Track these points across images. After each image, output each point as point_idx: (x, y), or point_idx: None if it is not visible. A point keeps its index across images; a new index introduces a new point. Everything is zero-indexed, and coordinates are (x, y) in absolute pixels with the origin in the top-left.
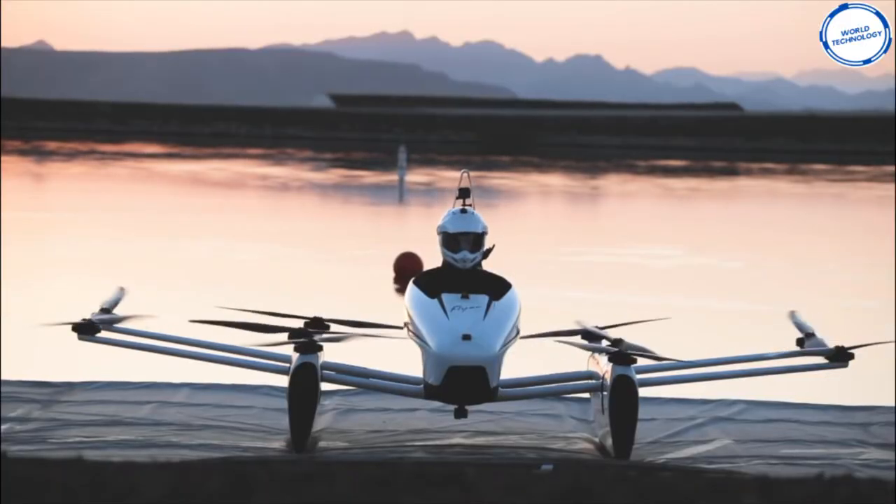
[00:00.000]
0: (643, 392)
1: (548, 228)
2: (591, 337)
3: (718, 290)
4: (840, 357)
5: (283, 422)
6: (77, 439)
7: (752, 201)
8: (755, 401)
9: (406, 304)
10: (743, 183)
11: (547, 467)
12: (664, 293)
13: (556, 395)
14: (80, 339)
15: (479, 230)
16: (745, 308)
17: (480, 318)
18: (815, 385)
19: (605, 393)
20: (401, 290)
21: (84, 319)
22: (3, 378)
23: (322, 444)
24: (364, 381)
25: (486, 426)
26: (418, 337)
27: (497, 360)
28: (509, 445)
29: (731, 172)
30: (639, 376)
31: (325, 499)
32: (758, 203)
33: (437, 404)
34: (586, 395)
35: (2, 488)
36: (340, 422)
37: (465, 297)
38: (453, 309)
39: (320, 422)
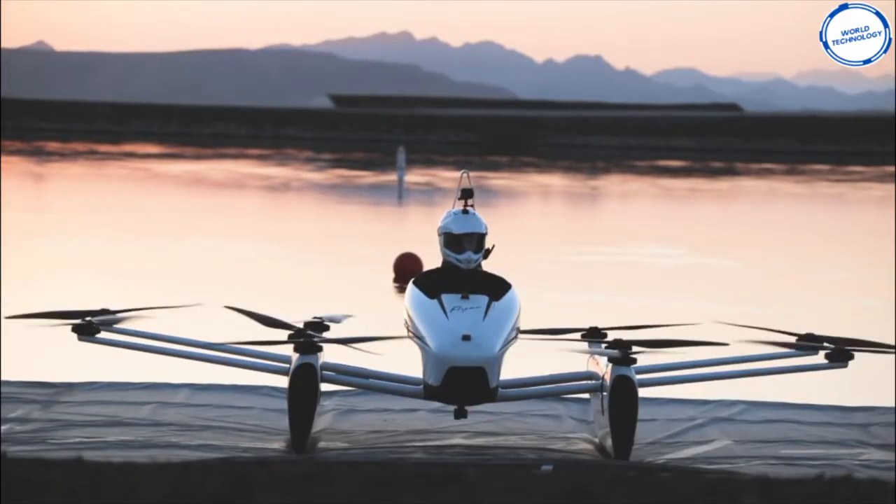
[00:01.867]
0: (643, 392)
1: (547, 229)
2: (592, 337)
3: (718, 290)
4: (840, 357)
5: (283, 422)
6: (77, 440)
7: (752, 202)
8: (755, 401)
9: (406, 305)
10: (742, 183)
11: (547, 468)
12: (663, 293)
13: (556, 396)
14: (79, 339)
15: (483, 231)
16: (746, 308)
17: (480, 319)
18: (815, 386)
19: (604, 393)
20: (400, 290)
21: (84, 320)
22: (4, 378)
23: (322, 444)
24: (364, 381)
25: (486, 427)
26: (418, 338)
27: (497, 360)
28: (509, 446)
29: (730, 173)
30: (639, 377)
31: (325, 499)
32: (757, 203)
33: (437, 405)
34: (586, 395)
35: (1, 489)
36: (340, 422)
37: (464, 297)
38: (453, 309)
39: (320, 422)
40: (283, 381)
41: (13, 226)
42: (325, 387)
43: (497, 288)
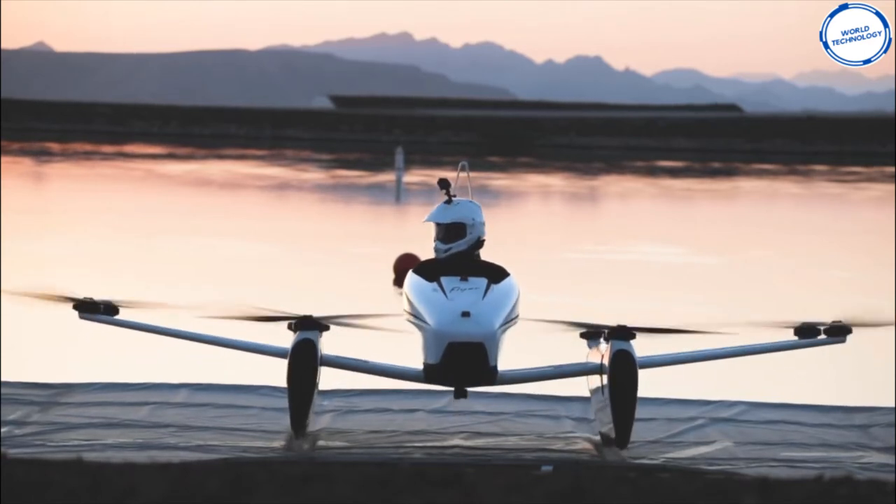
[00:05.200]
0: (644, 389)
1: (546, 229)
2: (591, 337)
3: (718, 290)
4: (838, 332)
5: (283, 422)
6: (76, 442)
7: (752, 202)
8: (755, 402)
9: (405, 292)
10: (742, 183)
11: (547, 468)
12: (663, 293)
13: (556, 378)
14: (80, 317)
15: (447, 221)
16: (745, 306)
17: (479, 298)
18: (815, 385)
19: (604, 376)
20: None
21: (86, 298)
22: (3, 379)
23: (322, 443)
24: (363, 364)
25: (486, 427)
26: (418, 318)
27: (496, 337)
28: (509, 446)
29: (730, 173)
30: (640, 358)
31: (325, 499)
32: (757, 203)
33: (437, 405)
34: (586, 394)
35: (1, 490)
36: (340, 422)
37: (464, 279)
38: (452, 290)
39: (320, 422)
40: (282, 381)
41: (15, 226)
42: (324, 386)
43: (496, 274)
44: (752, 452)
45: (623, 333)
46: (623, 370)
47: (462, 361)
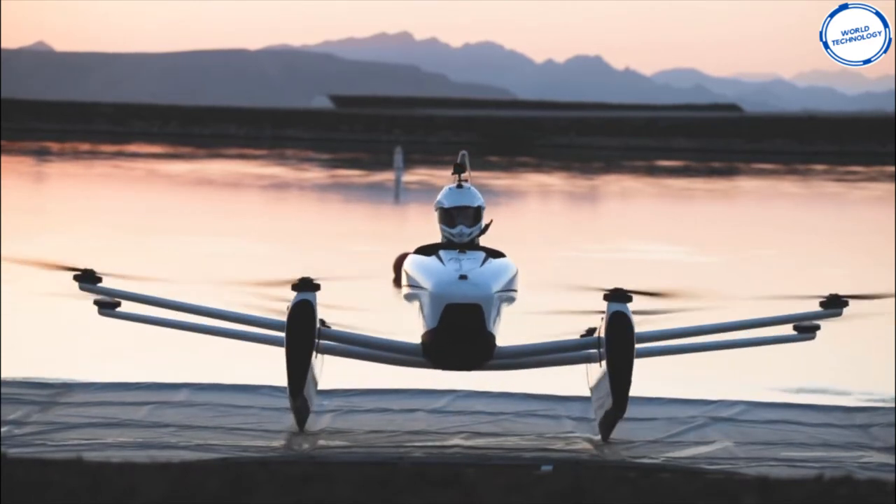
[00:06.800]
0: (644, 388)
1: (546, 228)
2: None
3: (718, 288)
4: (834, 304)
5: (283, 422)
6: (76, 442)
7: (752, 201)
8: (756, 402)
9: (405, 270)
10: (742, 184)
11: (547, 468)
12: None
13: (555, 354)
14: (80, 288)
15: (475, 204)
16: (746, 306)
17: (477, 266)
18: (815, 384)
19: (602, 363)
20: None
21: (86, 269)
22: (3, 378)
23: (322, 443)
24: (360, 337)
25: (485, 427)
26: (416, 287)
27: (493, 300)
28: (509, 447)
29: (730, 173)
30: (637, 331)
31: (325, 499)
32: (757, 203)
33: (437, 405)
34: (586, 394)
35: (1, 489)
36: (340, 422)
37: (462, 252)
38: (451, 259)
39: (320, 422)
40: (282, 381)
41: (15, 224)
42: (324, 385)
43: (493, 253)
44: (752, 452)
45: (619, 295)
46: (619, 331)
47: (459, 323)
